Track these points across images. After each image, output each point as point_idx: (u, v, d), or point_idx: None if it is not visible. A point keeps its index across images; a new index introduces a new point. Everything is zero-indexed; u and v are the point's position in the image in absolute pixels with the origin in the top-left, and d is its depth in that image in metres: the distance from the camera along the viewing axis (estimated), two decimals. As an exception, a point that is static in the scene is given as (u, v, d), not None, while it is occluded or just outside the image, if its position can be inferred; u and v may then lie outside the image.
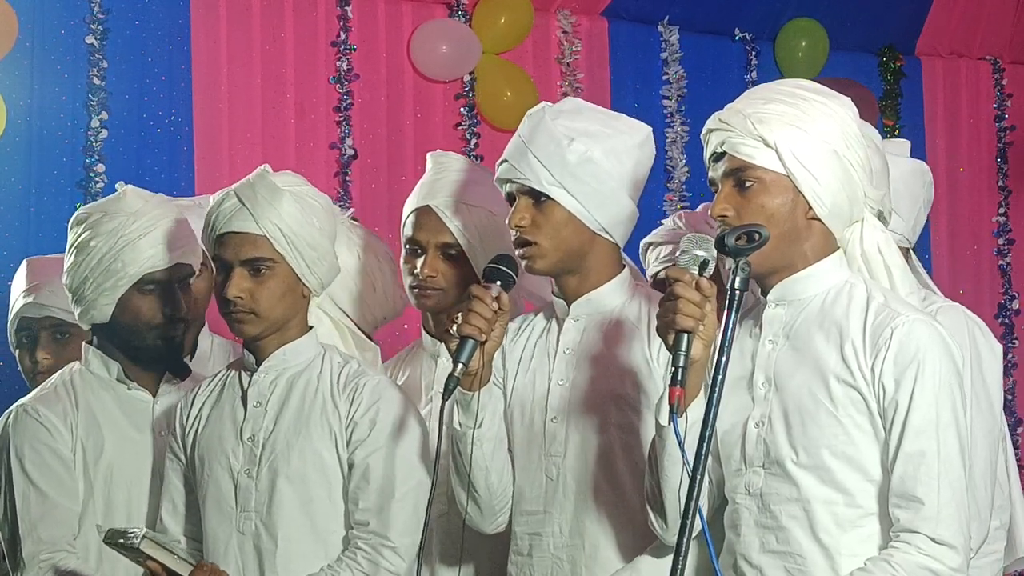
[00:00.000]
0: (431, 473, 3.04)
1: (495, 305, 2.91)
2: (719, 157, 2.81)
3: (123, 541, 3.04)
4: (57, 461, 3.36)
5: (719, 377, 2.54)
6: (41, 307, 3.96)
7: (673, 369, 2.61)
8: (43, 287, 3.93)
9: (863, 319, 2.73)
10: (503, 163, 3.12)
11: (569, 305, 3.12)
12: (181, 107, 5.81)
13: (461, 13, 6.37)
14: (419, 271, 3.42)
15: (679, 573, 2.46)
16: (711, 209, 2.80)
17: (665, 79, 6.79)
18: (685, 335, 2.62)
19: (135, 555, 3.07)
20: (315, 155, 6.07)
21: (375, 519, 3.09)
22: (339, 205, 5.36)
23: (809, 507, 2.72)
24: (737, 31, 6.97)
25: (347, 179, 6.08)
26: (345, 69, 6.12)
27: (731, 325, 2.56)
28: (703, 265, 2.67)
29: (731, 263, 2.61)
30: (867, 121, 3.08)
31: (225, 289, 3.13)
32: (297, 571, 3.10)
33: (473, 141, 6.34)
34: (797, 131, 2.76)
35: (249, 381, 3.21)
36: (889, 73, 7.23)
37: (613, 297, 3.12)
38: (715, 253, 2.68)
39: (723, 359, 2.55)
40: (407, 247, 3.48)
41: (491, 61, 6.42)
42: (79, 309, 3.43)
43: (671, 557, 2.48)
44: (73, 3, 5.63)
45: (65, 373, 3.50)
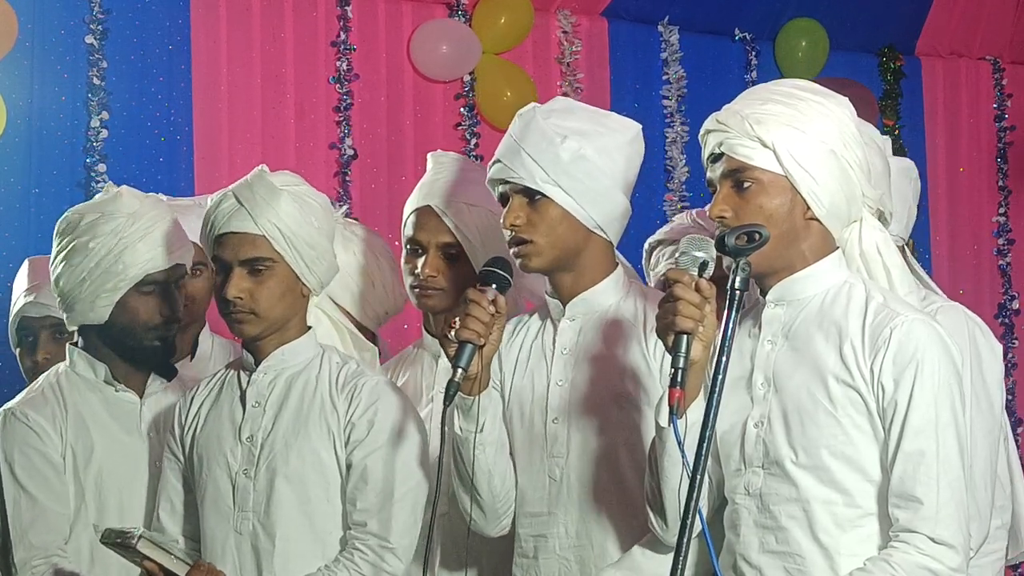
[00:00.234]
0: (429, 474, 3.04)
1: (492, 308, 2.90)
2: (717, 158, 2.81)
3: (120, 541, 3.03)
4: (47, 465, 3.35)
5: (719, 377, 2.53)
6: (42, 307, 3.96)
7: (673, 371, 2.61)
8: (44, 287, 3.91)
9: (862, 319, 2.73)
10: (496, 163, 3.12)
11: (564, 305, 3.12)
12: (181, 107, 5.81)
13: (461, 13, 6.37)
14: (420, 271, 3.43)
15: (679, 573, 2.46)
16: (709, 210, 2.80)
17: (665, 79, 6.78)
18: (685, 336, 2.62)
19: (132, 555, 3.06)
20: (315, 155, 6.06)
21: (374, 520, 3.09)
22: (338, 205, 5.34)
23: (808, 507, 2.72)
24: (737, 31, 6.96)
25: (347, 179, 6.08)
26: (345, 69, 6.12)
27: (731, 325, 2.56)
28: (703, 266, 2.67)
29: (731, 263, 2.61)
30: (867, 121, 3.07)
31: (224, 289, 3.13)
32: (295, 571, 3.09)
33: (473, 141, 6.34)
34: (794, 131, 2.76)
35: (248, 381, 3.21)
36: (889, 73, 7.22)
37: (608, 295, 3.11)
38: (715, 254, 2.67)
39: (723, 359, 2.55)
40: (408, 247, 3.49)
41: (491, 61, 6.41)
42: (72, 311, 3.39)
43: (671, 557, 2.48)
44: (73, 3, 5.63)
45: (51, 375, 3.48)
